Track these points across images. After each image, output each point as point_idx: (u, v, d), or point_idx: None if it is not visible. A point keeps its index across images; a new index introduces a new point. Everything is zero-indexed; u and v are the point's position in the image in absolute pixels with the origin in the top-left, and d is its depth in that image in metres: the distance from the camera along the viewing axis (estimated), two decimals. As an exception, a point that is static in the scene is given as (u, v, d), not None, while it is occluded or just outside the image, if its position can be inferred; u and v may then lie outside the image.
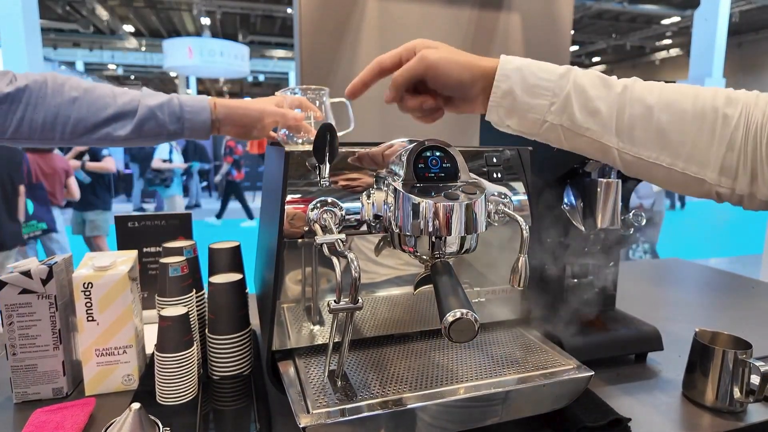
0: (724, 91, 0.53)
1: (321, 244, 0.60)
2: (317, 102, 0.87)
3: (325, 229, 0.64)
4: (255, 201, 10.49)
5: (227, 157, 8.07)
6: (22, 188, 3.07)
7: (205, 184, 11.55)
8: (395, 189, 0.60)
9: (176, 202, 6.22)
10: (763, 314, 1.21)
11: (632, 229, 0.94)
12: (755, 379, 0.73)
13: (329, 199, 0.67)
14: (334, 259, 0.59)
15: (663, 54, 16.87)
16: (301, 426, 0.56)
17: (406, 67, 0.58)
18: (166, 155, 6.25)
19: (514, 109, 0.56)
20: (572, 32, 2.19)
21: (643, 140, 0.54)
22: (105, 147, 4.22)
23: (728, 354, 0.74)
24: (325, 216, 0.65)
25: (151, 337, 0.84)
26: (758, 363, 0.72)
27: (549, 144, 0.59)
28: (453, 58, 0.57)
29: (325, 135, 0.62)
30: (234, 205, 8.11)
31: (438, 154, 0.62)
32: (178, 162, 6.42)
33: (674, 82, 0.58)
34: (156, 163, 6.15)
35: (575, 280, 0.98)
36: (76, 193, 3.79)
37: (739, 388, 0.74)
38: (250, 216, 7.85)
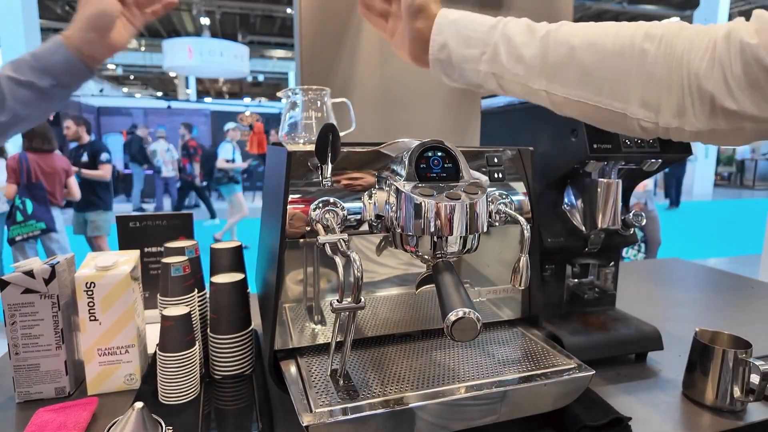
0: (646, 25, 0.53)
1: (323, 244, 0.61)
2: (318, 102, 0.87)
3: (327, 229, 0.64)
4: (255, 201, 10.49)
5: (184, 158, 8.20)
6: None
7: (205, 184, 11.54)
8: (397, 189, 0.60)
9: (240, 199, 6.54)
10: (763, 314, 1.21)
11: (632, 229, 0.95)
12: (755, 379, 0.73)
13: (331, 199, 0.67)
14: (336, 259, 0.59)
15: (662, 54, 16.87)
16: (303, 425, 0.56)
17: None
18: (230, 155, 6.53)
19: (451, 62, 0.60)
20: (572, 32, 2.19)
21: (568, 80, 0.55)
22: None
23: (728, 353, 0.75)
24: (327, 216, 0.66)
25: (153, 336, 0.84)
26: (758, 362, 0.73)
27: (493, 94, 0.63)
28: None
29: (327, 135, 0.62)
30: (221, 204, 8.12)
31: (440, 154, 0.63)
32: (239, 162, 6.79)
33: None
34: (220, 163, 6.44)
35: (575, 280, 0.99)
36: (77, 193, 3.78)
37: (739, 388, 0.74)
38: (213, 215, 8.01)
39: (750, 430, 0.73)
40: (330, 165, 0.65)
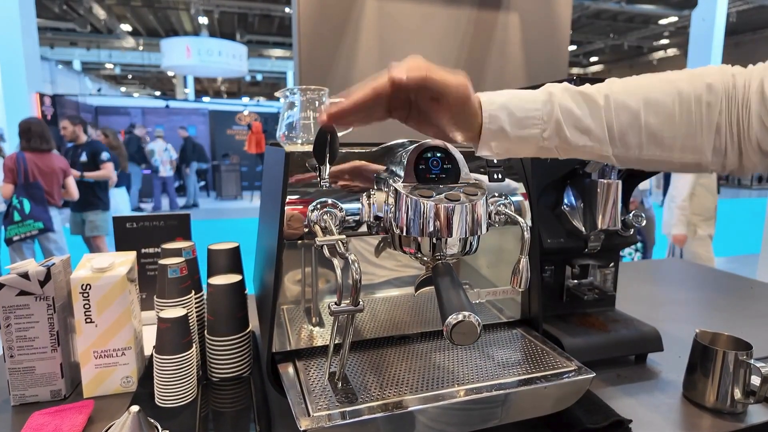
0: (701, 77, 0.55)
1: (321, 246, 0.60)
2: (317, 103, 0.86)
3: (326, 230, 0.64)
4: (253, 201, 10.48)
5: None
6: None
7: (202, 183, 11.53)
8: (396, 190, 0.60)
9: None
10: (763, 315, 1.21)
11: (632, 230, 0.94)
12: (755, 380, 0.73)
13: (329, 200, 0.66)
14: (335, 261, 0.59)
15: (660, 54, 16.89)
16: (301, 429, 0.56)
17: (417, 66, 0.54)
18: None
19: (505, 142, 0.57)
20: (570, 32, 2.19)
21: (637, 144, 0.56)
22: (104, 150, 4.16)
23: (729, 355, 0.74)
24: (325, 217, 0.65)
25: (149, 338, 0.84)
26: (759, 364, 0.72)
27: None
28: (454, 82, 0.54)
29: (326, 136, 0.61)
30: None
31: (439, 155, 0.62)
32: None
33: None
34: None
35: (575, 281, 0.98)
36: (75, 193, 3.77)
37: (740, 389, 0.74)
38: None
39: (751, 432, 0.73)
40: (329, 166, 0.65)
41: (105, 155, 4.14)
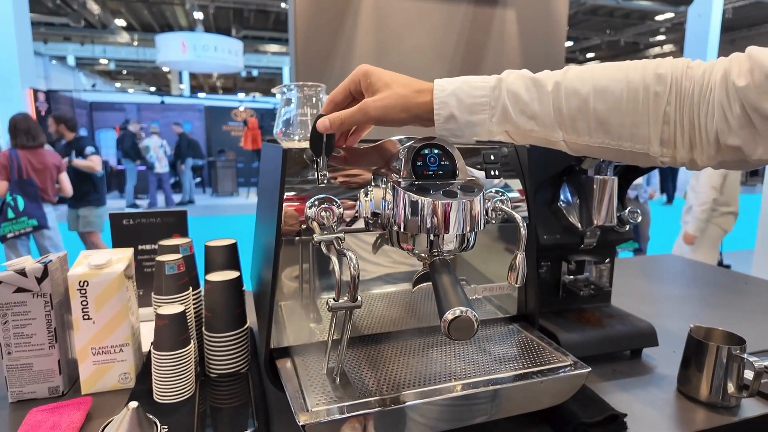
0: (653, 66, 0.54)
1: (319, 242, 0.60)
2: (314, 99, 0.86)
3: (323, 227, 0.64)
4: (250, 197, 10.46)
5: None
6: None
7: (198, 180, 11.49)
8: (393, 187, 0.60)
9: None
10: (756, 310, 1.22)
11: (627, 226, 0.95)
12: (749, 375, 0.74)
13: (327, 197, 0.66)
14: (333, 257, 0.59)
15: (657, 50, 16.93)
16: (300, 424, 0.56)
17: (350, 116, 0.60)
18: None
19: (459, 129, 0.59)
20: (567, 28, 2.19)
21: (586, 129, 0.56)
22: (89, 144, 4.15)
23: (722, 350, 0.75)
24: (323, 214, 0.65)
25: (147, 335, 0.84)
26: (752, 358, 0.73)
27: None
28: (391, 104, 0.59)
29: (321, 138, 0.62)
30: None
31: (436, 151, 0.62)
32: None
33: None
34: None
35: (571, 277, 0.99)
36: (69, 189, 3.75)
37: (733, 384, 0.75)
38: None
39: (744, 426, 0.74)
40: (325, 158, 0.65)
41: (89, 149, 4.12)
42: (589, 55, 18.36)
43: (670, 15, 12.38)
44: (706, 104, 0.52)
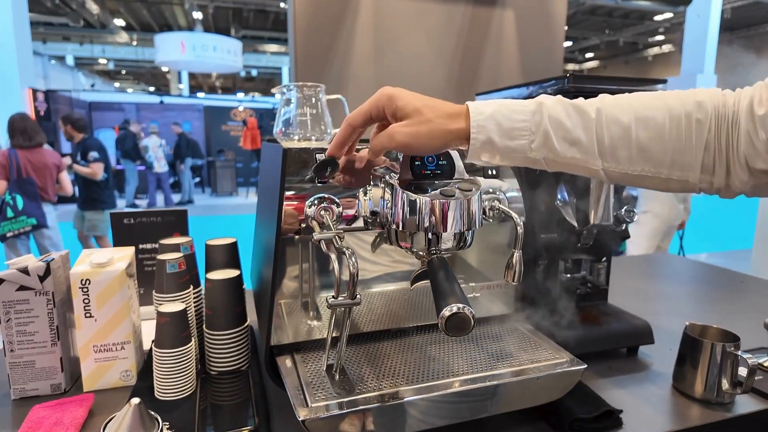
0: (691, 95, 0.56)
1: (319, 240, 0.61)
2: (313, 99, 0.87)
3: (323, 226, 0.65)
4: (249, 197, 10.46)
5: None
6: None
7: (197, 180, 11.48)
8: (392, 186, 0.61)
9: None
10: (752, 308, 1.23)
11: (624, 225, 0.96)
12: (743, 372, 0.75)
13: (326, 196, 0.67)
14: (332, 256, 0.60)
15: (656, 50, 16.93)
16: (300, 419, 0.57)
17: (378, 145, 0.59)
18: None
19: (494, 153, 0.58)
20: (566, 28, 2.20)
21: (627, 158, 0.57)
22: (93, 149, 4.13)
23: (717, 347, 0.76)
24: (322, 212, 0.66)
25: (148, 333, 0.84)
26: (746, 356, 0.74)
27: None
28: (422, 131, 0.56)
29: (326, 167, 0.64)
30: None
31: (434, 151, 0.63)
32: None
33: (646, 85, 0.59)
34: None
35: (568, 275, 1.00)
36: (69, 188, 3.74)
37: (728, 380, 0.76)
38: None
39: (738, 422, 0.75)
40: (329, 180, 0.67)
41: (93, 154, 4.05)
42: (588, 55, 18.37)
43: (668, 15, 12.39)
44: (737, 130, 0.54)
